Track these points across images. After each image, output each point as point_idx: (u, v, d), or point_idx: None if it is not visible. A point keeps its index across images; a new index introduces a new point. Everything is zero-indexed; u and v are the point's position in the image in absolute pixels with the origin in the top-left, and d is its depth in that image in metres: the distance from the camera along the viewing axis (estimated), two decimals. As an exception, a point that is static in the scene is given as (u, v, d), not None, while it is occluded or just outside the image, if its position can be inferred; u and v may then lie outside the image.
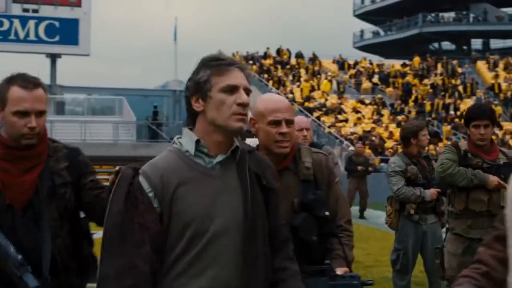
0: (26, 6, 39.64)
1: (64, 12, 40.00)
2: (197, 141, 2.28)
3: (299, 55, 41.18)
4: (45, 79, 29.66)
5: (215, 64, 2.30)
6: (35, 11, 39.82)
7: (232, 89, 2.28)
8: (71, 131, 29.64)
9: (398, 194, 5.95)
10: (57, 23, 39.87)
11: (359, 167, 15.38)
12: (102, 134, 28.63)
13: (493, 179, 4.78)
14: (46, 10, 39.76)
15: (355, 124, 29.71)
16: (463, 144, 5.08)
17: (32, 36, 39.60)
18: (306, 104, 32.05)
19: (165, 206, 2.21)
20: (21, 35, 39.47)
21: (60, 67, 41.61)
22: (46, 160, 2.99)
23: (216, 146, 2.30)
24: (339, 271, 2.88)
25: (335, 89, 35.42)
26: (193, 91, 2.30)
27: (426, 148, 8.00)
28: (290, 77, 37.61)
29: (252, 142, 3.14)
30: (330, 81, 35.66)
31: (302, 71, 38.56)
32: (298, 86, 35.55)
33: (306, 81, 35.87)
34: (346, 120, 30.36)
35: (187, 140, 2.32)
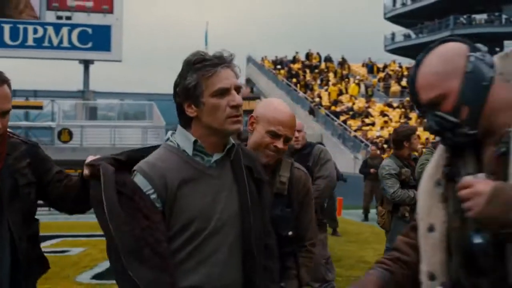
0: (59, 13, 40.38)
1: (96, 19, 40.61)
2: (195, 141, 2.27)
3: (328, 59, 41.28)
4: (79, 85, 30.38)
5: (200, 66, 2.23)
6: (68, 18, 40.54)
7: (223, 92, 2.23)
8: (102, 135, 30.24)
9: (394, 197, 6.09)
10: (89, 30, 40.53)
11: (372, 170, 15.48)
12: (131, 138, 29.09)
13: None
14: (79, 17, 40.45)
15: (381, 128, 29.69)
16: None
17: (65, 43, 40.29)
18: (333, 108, 32.16)
19: (167, 205, 2.19)
20: (55, 42, 40.18)
21: (93, 73, 42.24)
22: (4, 158, 2.76)
23: (212, 146, 2.29)
24: None
25: (363, 93, 35.43)
26: (183, 97, 2.25)
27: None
28: (318, 81, 37.72)
29: None
30: (358, 84, 35.70)
31: (331, 75, 38.65)
32: (326, 90, 35.66)
33: (334, 85, 35.96)
34: (373, 124, 30.36)
35: (183, 139, 2.29)
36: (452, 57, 1.83)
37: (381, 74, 39.41)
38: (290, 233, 2.91)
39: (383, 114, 32.07)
